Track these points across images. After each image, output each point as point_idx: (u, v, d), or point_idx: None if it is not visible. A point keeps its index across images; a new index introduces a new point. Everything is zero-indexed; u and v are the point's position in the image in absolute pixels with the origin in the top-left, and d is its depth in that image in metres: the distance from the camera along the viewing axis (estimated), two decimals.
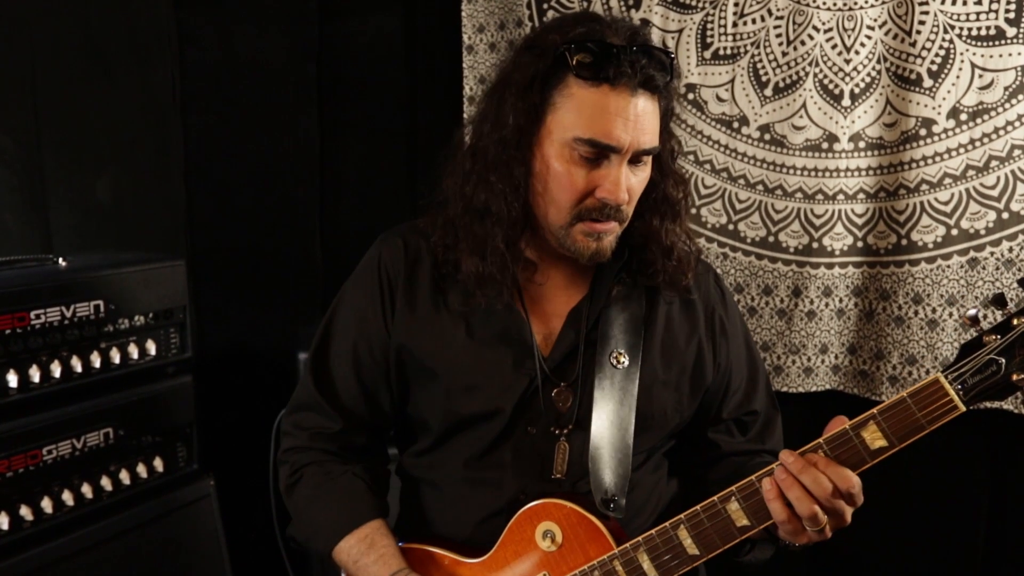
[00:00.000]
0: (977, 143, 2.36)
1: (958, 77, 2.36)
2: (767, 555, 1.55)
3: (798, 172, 2.57)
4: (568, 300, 1.53)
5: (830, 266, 2.57)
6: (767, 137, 2.60)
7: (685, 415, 1.56)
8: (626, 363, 1.49)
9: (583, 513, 1.40)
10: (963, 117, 2.37)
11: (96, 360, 2.18)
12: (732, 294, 1.67)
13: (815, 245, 2.57)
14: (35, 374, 2.01)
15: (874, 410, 1.25)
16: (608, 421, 1.46)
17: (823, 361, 2.60)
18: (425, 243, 1.54)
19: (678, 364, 1.54)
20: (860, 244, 2.54)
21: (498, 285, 1.44)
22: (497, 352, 1.50)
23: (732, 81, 2.61)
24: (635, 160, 1.41)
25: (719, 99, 2.62)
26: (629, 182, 1.40)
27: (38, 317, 2.02)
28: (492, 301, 1.46)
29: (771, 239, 2.60)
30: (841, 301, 2.58)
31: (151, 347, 2.31)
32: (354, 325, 1.56)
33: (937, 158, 2.41)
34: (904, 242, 2.48)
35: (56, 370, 2.06)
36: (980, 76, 2.35)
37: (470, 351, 1.50)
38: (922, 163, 2.43)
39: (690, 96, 2.64)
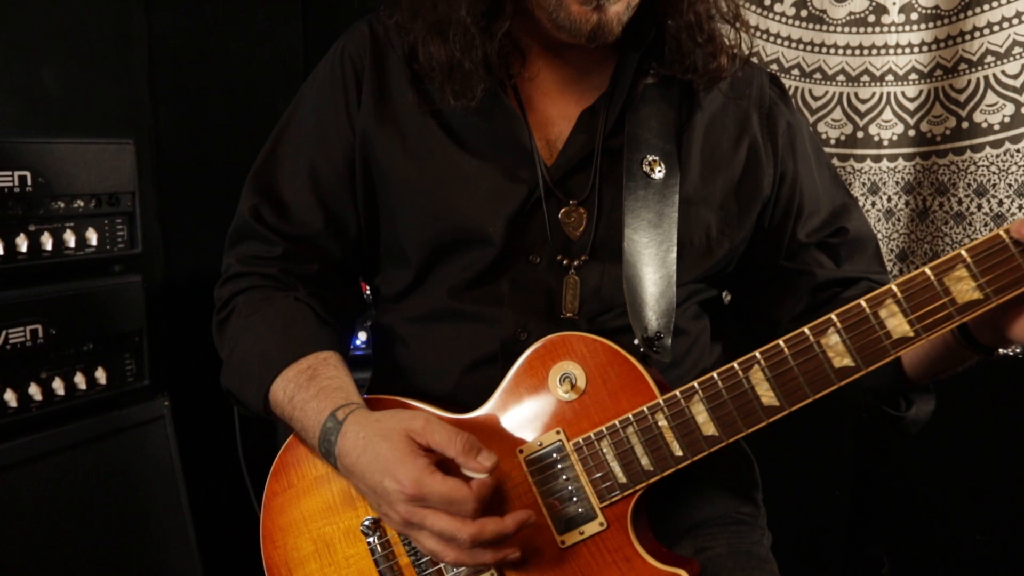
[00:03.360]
0: None
1: None
2: (931, 409, 1.19)
3: (840, 51, 2.25)
4: (579, 101, 1.20)
5: (877, 159, 2.24)
6: (803, 14, 2.27)
7: (736, 239, 1.22)
8: (662, 173, 1.16)
9: (617, 350, 1.07)
10: None
11: (22, 243, 1.85)
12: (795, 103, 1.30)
13: (860, 135, 2.25)
14: None
15: None
16: (644, 244, 1.13)
17: None
18: (396, 31, 1.21)
19: (723, 176, 1.21)
20: (912, 132, 2.22)
21: (467, 75, 1.12)
22: (485, 160, 1.18)
23: None
24: None
25: None
26: None
27: None
28: (464, 98, 1.13)
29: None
30: (889, 200, 2.26)
31: (92, 236, 1.98)
32: (312, 138, 1.23)
33: (1005, 24, 2.08)
34: (965, 125, 2.15)
35: None
36: None
37: (450, 158, 1.18)
38: (987, 31, 2.10)
39: None
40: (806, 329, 0.96)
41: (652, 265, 1.12)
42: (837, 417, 2.32)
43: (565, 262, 1.16)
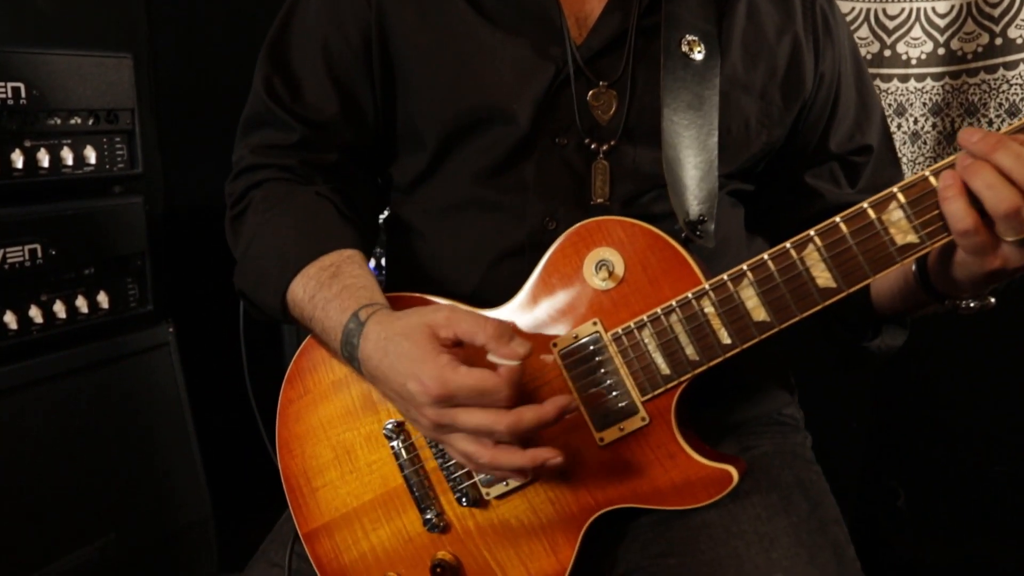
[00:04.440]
0: None
1: None
2: (898, 343, 1.16)
3: None
4: None
5: (904, 79, 2.16)
6: None
7: (775, 134, 1.15)
8: (702, 54, 1.08)
9: (659, 234, 0.98)
10: None
11: (18, 159, 1.77)
12: None
13: (887, 53, 2.16)
14: None
15: None
16: (684, 126, 1.05)
17: None
18: None
19: (766, 64, 1.13)
20: (942, 51, 2.13)
21: None
22: (511, 34, 1.10)
23: None
24: None
25: None
26: None
27: None
28: None
29: None
30: (916, 122, 2.18)
31: (90, 155, 1.91)
32: (325, 13, 1.15)
33: None
34: (998, 42, 2.06)
35: None
36: None
37: (473, 29, 1.10)
38: None
39: None
40: (865, 204, 0.89)
41: (693, 148, 1.05)
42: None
43: (593, 146, 1.09)
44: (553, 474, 1.00)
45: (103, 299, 1.94)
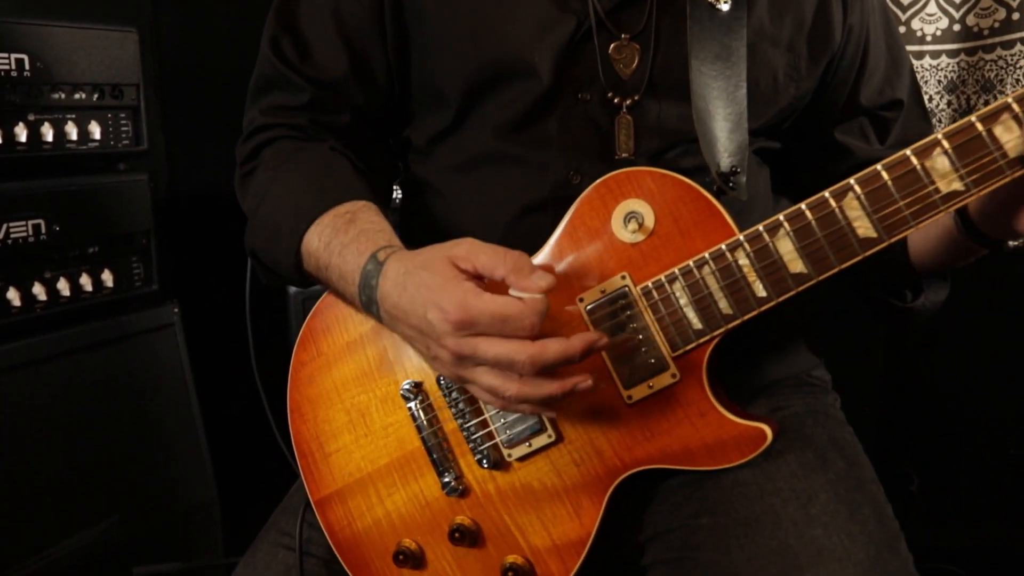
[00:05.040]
0: None
1: None
2: (941, 298, 1.13)
3: None
4: None
5: (919, 55, 2.13)
6: None
7: (802, 88, 1.12)
8: (728, 5, 1.05)
9: (691, 185, 0.94)
10: None
11: (21, 132, 1.74)
12: None
13: (902, 30, 2.14)
14: None
15: None
16: (712, 77, 1.02)
17: None
18: None
19: (793, 16, 1.10)
20: (957, 27, 2.10)
21: None
22: None
23: None
24: None
25: None
26: None
27: None
28: None
29: None
30: (931, 100, 2.15)
31: (95, 130, 1.88)
32: None
33: None
34: (1016, 16, 2.03)
35: None
36: None
37: None
38: None
39: None
40: (908, 152, 0.86)
41: (722, 99, 1.02)
42: (867, 330, 2.26)
43: (616, 100, 1.06)
44: (579, 434, 0.97)
45: (108, 277, 1.91)
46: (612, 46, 1.06)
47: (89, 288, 1.87)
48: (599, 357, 0.95)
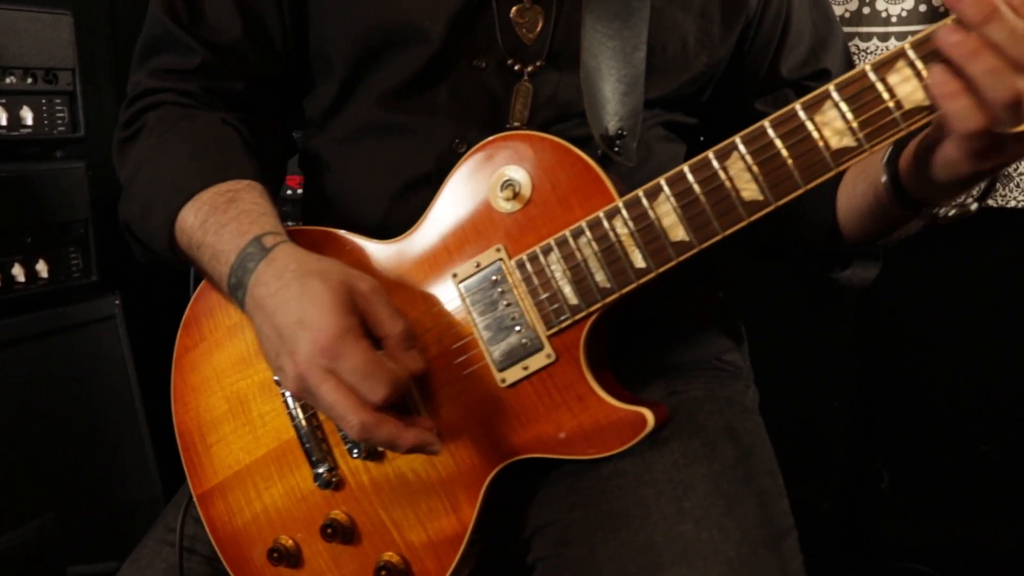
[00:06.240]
0: None
1: None
2: (870, 276, 1.07)
3: None
4: None
5: (884, 37, 2.07)
6: None
7: (716, 55, 1.05)
8: None
9: (569, 148, 0.88)
10: None
11: None
12: None
13: (866, 11, 2.08)
14: None
15: None
16: (607, 35, 0.96)
17: None
18: None
19: None
20: (923, 7, 2.04)
21: None
22: None
23: None
24: None
25: None
26: None
27: None
28: None
29: None
30: None
31: (27, 116, 1.83)
32: None
33: None
34: None
35: None
36: None
37: None
38: None
39: None
40: (796, 105, 0.79)
41: (616, 60, 0.95)
42: (838, 327, 2.20)
43: (517, 67, 0.99)
44: (453, 421, 0.90)
45: (42, 268, 1.86)
46: (514, 9, 0.99)
47: (22, 279, 1.83)
48: (474, 339, 0.89)
